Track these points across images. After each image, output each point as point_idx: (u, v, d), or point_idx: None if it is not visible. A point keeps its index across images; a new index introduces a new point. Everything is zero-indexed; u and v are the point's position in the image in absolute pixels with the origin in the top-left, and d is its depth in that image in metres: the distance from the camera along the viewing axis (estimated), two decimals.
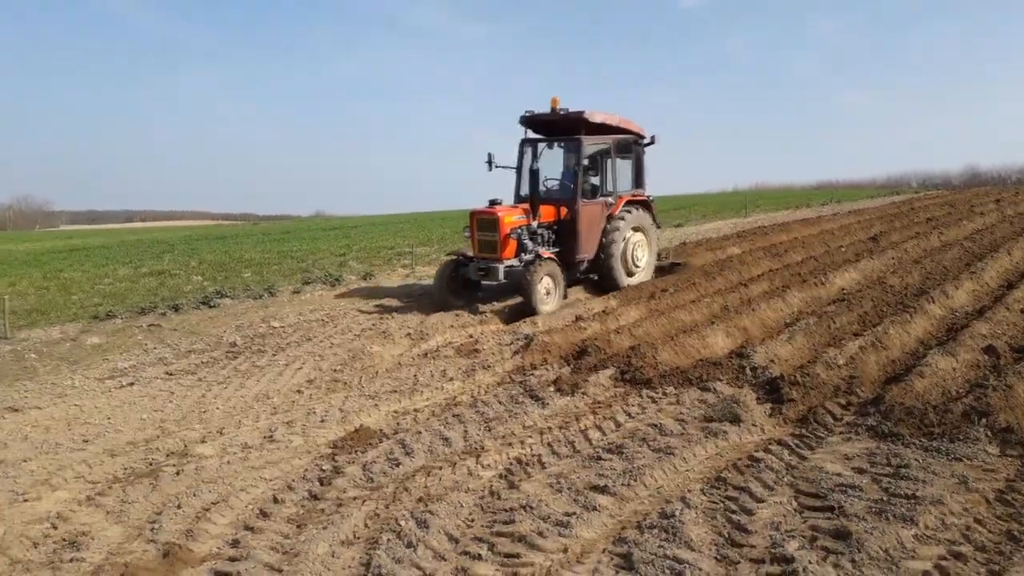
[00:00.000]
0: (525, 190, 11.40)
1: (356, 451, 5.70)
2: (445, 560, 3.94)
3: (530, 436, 5.81)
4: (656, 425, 5.86)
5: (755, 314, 9.06)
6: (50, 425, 6.68)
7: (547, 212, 11.13)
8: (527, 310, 9.87)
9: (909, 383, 6.16)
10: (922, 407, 5.64)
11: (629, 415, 6.19)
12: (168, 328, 10.86)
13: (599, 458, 5.27)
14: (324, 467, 5.42)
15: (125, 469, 5.53)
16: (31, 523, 4.61)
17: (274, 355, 8.87)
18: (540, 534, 4.13)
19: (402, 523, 4.35)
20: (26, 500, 4.98)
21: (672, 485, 4.79)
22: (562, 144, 11.65)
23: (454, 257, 11.26)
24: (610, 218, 11.56)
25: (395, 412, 6.75)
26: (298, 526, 4.48)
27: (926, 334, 8.12)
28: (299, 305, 12.35)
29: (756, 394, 6.35)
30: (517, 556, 3.92)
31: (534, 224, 10.81)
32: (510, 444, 5.67)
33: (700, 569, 3.64)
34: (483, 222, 10.71)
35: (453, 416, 6.37)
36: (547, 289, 10.22)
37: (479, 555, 3.96)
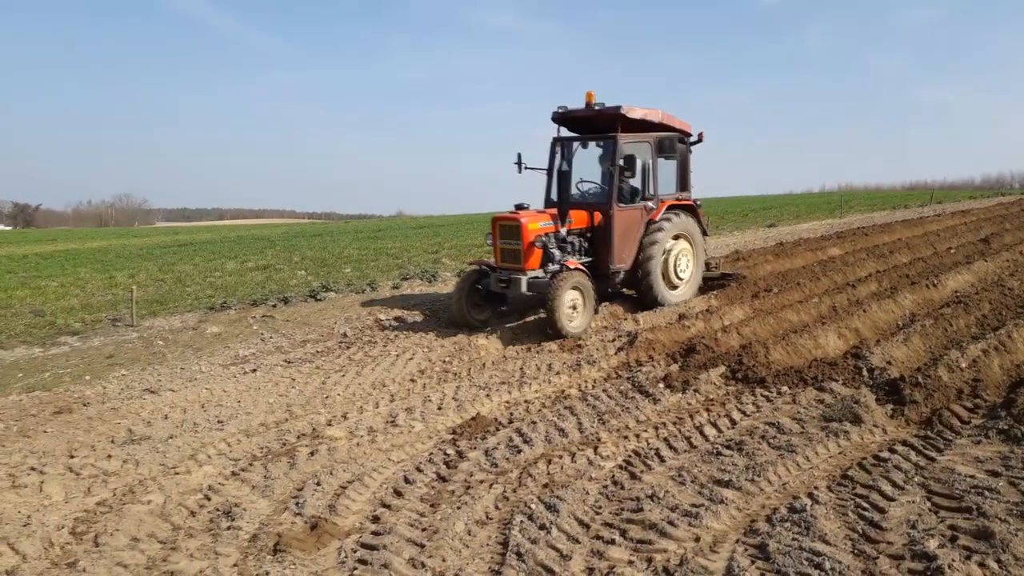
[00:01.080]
0: (555, 194, 10.51)
1: (476, 437, 5.90)
2: (579, 543, 4.06)
3: (645, 430, 5.88)
4: (774, 423, 5.83)
5: (866, 315, 8.85)
6: (186, 407, 7.14)
7: (579, 218, 9.97)
8: (550, 329, 8.92)
9: None
10: None
11: (744, 413, 6.18)
12: (280, 319, 11.39)
13: (719, 453, 5.29)
14: (448, 451, 5.63)
15: (262, 448, 5.89)
16: (186, 493, 4.99)
17: (384, 346, 9.20)
18: (670, 523, 4.20)
19: (532, 507, 4.51)
20: (177, 473, 5.37)
21: (797, 482, 4.78)
22: (598, 143, 10.45)
23: (476, 267, 10.10)
24: (649, 225, 10.27)
25: (507, 402, 6.93)
26: (432, 505, 4.69)
27: None
28: (401, 299, 12.74)
29: (875, 395, 6.24)
30: (649, 542, 4.01)
31: (563, 231, 9.66)
32: (626, 437, 5.76)
33: (839, 562, 3.64)
34: (505, 228, 9.56)
35: (565, 408, 6.50)
36: (573, 304, 9.09)
37: (612, 540, 4.07)
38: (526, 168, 10.50)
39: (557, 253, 9.56)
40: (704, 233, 11.20)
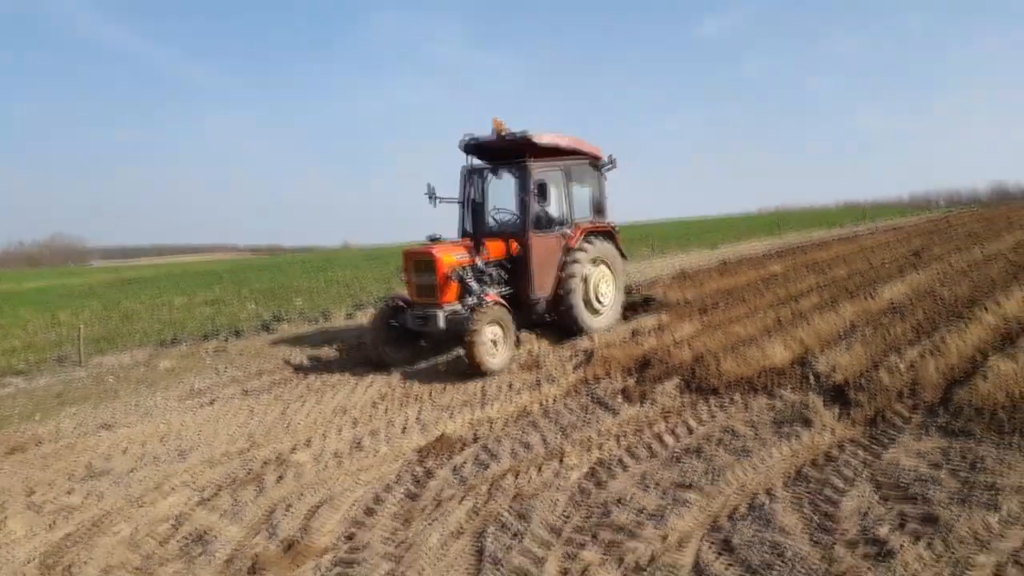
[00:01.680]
0: (469, 224, 10.38)
1: (442, 456, 5.99)
2: (552, 548, 4.20)
3: (607, 441, 6.06)
4: (729, 429, 6.08)
5: (809, 326, 9.24)
6: (144, 440, 7.05)
7: (495, 248, 9.66)
8: (469, 368, 8.50)
9: (974, 386, 6.32)
10: (991, 407, 5.81)
11: (700, 421, 6.41)
12: (234, 352, 11.29)
13: (679, 460, 5.50)
14: (416, 471, 5.71)
15: (227, 476, 5.87)
16: (155, 523, 4.96)
17: (343, 373, 9.22)
18: (638, 524, 4.37)
19: (504, 517, 4.63)
20: (143, 505, 5.33)
21: (755, 482, 5.00)
22: (510, 171, 10.10)
23: (390, 302, 9.67)
24: (567, 251, 10.08)
25: (471, 422, 7.03)
26: (404, 521, 4.76)
27: (982, 341, 8.22)
28: (356, 328, 12.74)
29: (823, 399, 6.55)
30: (619, 544, 4.17)
31: (479, 262, 9.35)
32: (589, 448, 5.93)
33: (799, 550, 3.86)
34: (419, 263, 9.12)
35: (528, 424, 6.66)
36: (494, 339, 8.68)
37: (583, 543, 4.21)
38: (439, 200, 10.21)
39: (475, 285, 9.26)
40: (623, 257, 11.11)
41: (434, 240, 9.55)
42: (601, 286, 10.46)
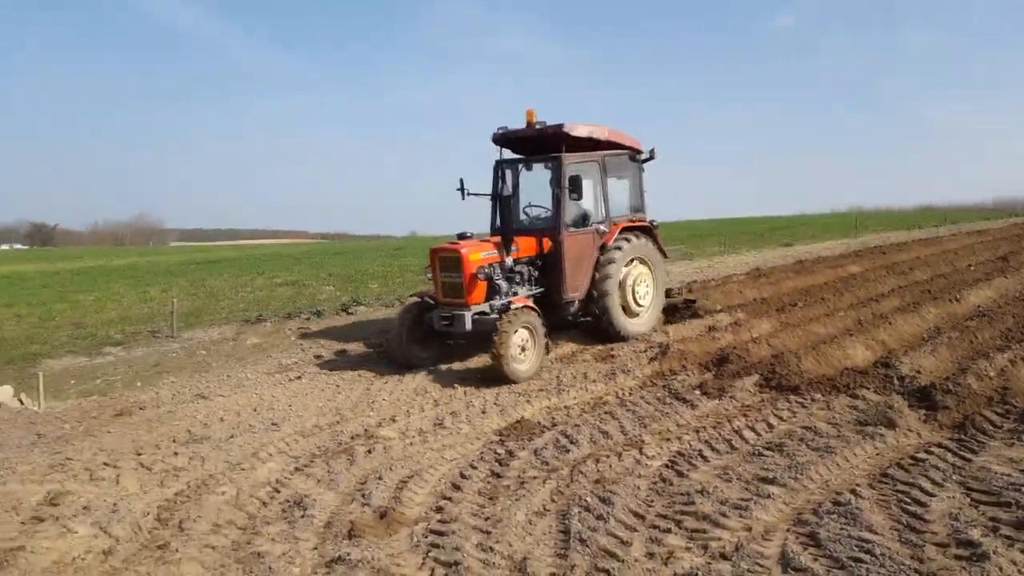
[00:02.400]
0: (500, 220, 9.65)
1: (523, 439, 6.16)
2: (637, 532, 4.31)
3: (686, 433, 6.12)
4: (810, 427, 6.07)
5: (892, 327, 9.08)
6: (239, 410, 7.43)
7: (527, 245, 9.23)
8: (496, 375, 7.98)
9: None
10: None
11: (780, 418, 6.41)
12: (316, 331, 11.71)
13: (760, 454, 5.53)
14: (498, 451, 5.89)
15: (319, 447, 6.17)
16: (256, 487, 5.27)
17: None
18: (722, 514, 4.44)
19: (587, 500, 4.76)
20: (243, 469, 5.65)
21: (839, 480, 5.01)
22: (545, 165, 9.66)
23: (417, 299, 9.30)
24: (603, 249, 9.57)
25: (547, 408, 7.19)
26: (490, 498, 4.95)
27: None
28: None
29: (907, 401, 6.46)
30: (704, 532, 4.26)
31: (509, 260, 8.90)
32: (668, 439, 6.00)
33: (888, 548, 3.88)
34: (445, 260, 8.67)
35: (605, 413, 6.76)
36: (522, 345, 8.19)
37: (668, 529, 4.31)
38: (469, 194, 9.65)
39: (504, 285, 8.83)
40: (663, 255, 10.58)
41: (463, 237, 8.99)
42: (639, 287, 9.91)
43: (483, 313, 8.52)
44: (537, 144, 9.60)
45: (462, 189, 9.56)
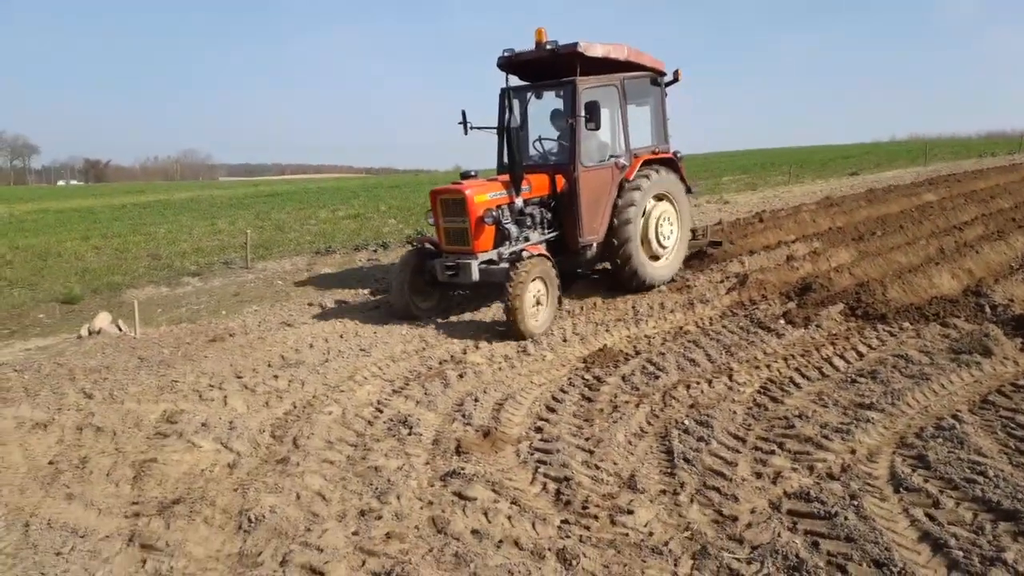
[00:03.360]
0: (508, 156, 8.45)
1: (608, 366, 6.23)
2: (740, 452, 4.38)
3: (775, 361, 6.12)
4: (902, 355, 6.00)
5: (978, 256, 8.84)
6: (326, 337, 7.64)
7: (538, 184, 8.27)
8: (510, 329, 7.19)
9: None
10: None
11: (870, 347, 6.35)
12: (387, 262, 11.89)
13: (853, 381, 5.51)
14: (585, 377, 5.99)
15: (411, 371, 6.35)
16: (359, 406, 5.47)
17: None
18: (824, 437, 4.47)
19: (685, 423, 4.84)
20: (342, 391, 5.86)
21: (938, 405, 4.97)
22: (556, 92, 8.73)
23: (417, 246, 8.45)
24: (623, 185, 8.58)
25: (627, 337, 7.23)
26: (585, 420, 5.05)
27: None
28: None
29: (1003, 329, 6.32)
30: (808, 453, 4.30)
31: (519, 202, 7.98)
32: (756, 367, 6.01)
33: (1001, 470, 3.87)
34: (448, 204, 7.76)
35: (689, 342, 6.78)
36: (537, 298, 7.36)
37: (771, 451, 4.36)
38: (472, 128, 8.63)
39: (514, 229, 7.95)
40: (688, 191, 9.59)
41: (466, 176, 8.05)
42: (664, 226, 8.97)
43: (491, 261, 7.70)
44: (548, 68, 8.57)
45: (464, 123, 8.51)
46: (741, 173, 27.05)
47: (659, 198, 9.02)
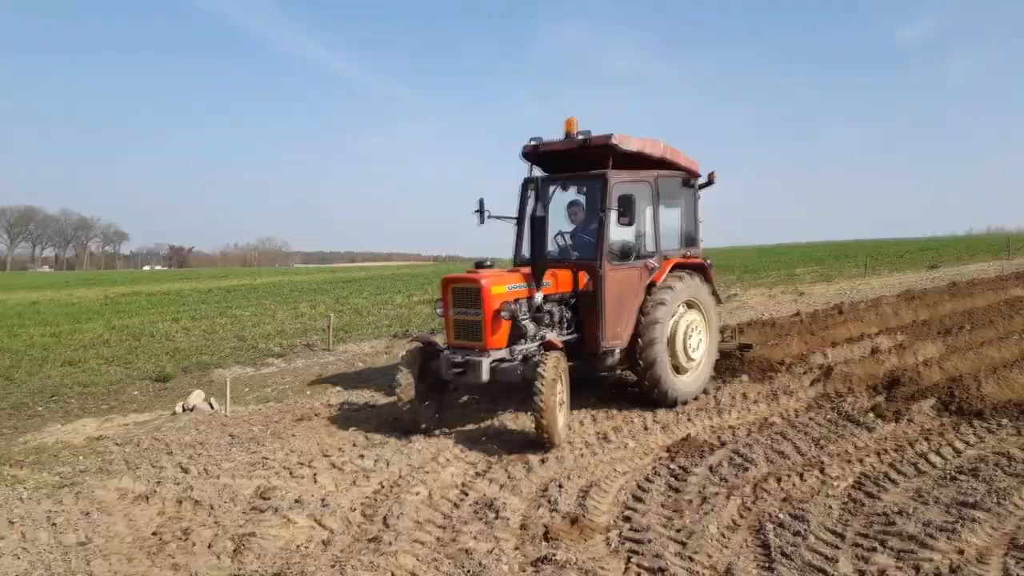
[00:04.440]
0: (528, 248, 7.99)
1: (693, 456, 6.16)
2: (839, 549, 4.24)
3: (867, 456, 5.95)
4: (1003, 453, 5.77)
5: None
6: None
7: (562, 279, 7.59)
8: (537, 436, 6.45)
9: None
10: None
11: (967, 443, 6.13)
12: None
13: (953, 478, 5.31)
14: (670, 466, 5.92)
15: (492, 454, 6.39)
16: (445, 488, 5.53)
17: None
18: (928, 536, 4.31)
19: (778, 516, 4.73)
20: (427, 472, 5.94)
21: None
22: (581, 183, 8.29)
23: (420, 344, 7.44)
24: (651, 289, 7.90)
25: (711, 427, 7.15)
26: (675, 511, 4.98)
27: None
28: None
29: None
30: (912, 552, 4.14)
31: (539, 296, 7.24)
32: (848, 461, 5.85)
33: None
34: (461, 293, 7.08)
35: (776, 433, 6.65)
36: (560, 399, 6.66)
37: (873, 548, 4.22)
38: (491, 217, 8.21)
39: (531, 326, 7.20)
40: (718, 300, 8.85)
41: (481, 266, 7.38)
42: (692, 337, 8.18)
43: (502, 360, 6.95)
44: (575, 160, 8.09)
45: (481, 211, 8.13)
46: (815, 264, 26.71)
47: (689, 305, 8.27)
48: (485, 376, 6.78)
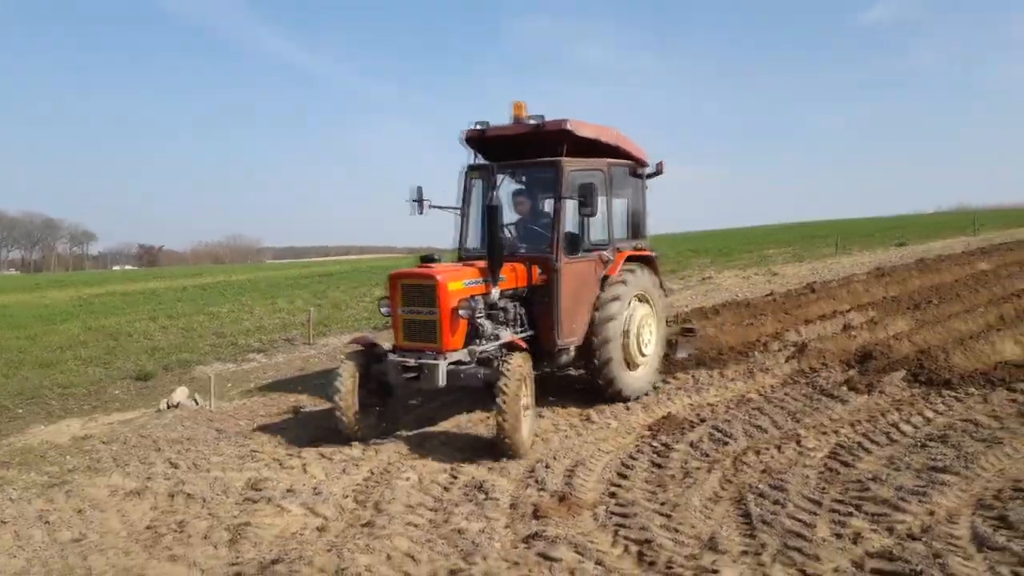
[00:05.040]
0: (473, 241, 7.87)
1: (675, 433, 6.33)
2: (817, 515, 4.43)
3: (841, 427, 6.16)
4: (970, 420, 6.02)
5: None
6: None
7: (518, 274, 7.09)
8: (499, 444, 5.95)
9: None
10: None
11: (936, 412, 6.36)
12: None
13: (923, 445, 5.54)
14: (652, 444, 6.09)
15: (479, 438, 6.51)
16: (434, 472, 5.64)
17: None
18: (901, 499, 4.51)
19: (760, 487, 4.91)
20: (416, 457, 6.05)
21: (1013, 468, 4.97)
22: (532, 172, 7.65)
23: (360, 347, 6.85)
24: (604, 282, 7.50)
25: (690, 405, 7.33)
26: (658, 485, 5.15)
27: None
28: None
29: None
30: (886, 515, 4.34)
31: (495, 293, 6.68)
32: (824, 433, 6.06)
33: None
34: (412, 290, 6.48)
35: (753, 409, 6.86)
36: (526, 403, 6.16)
37: (849, 513, 4.41)
38: (432, 207, 7.68)
39: (488, 325, 6.70)
40: (665, 293, 8.59)
41: (429, 260, 6.93)
42: (644, 332, 7.77)
43: (459, 362, 6.40)
44: (524, 147, 7.51)
45: (419, 200, 7.57)
46: (785, 245, 27.14)
47: (639, 299, 7.83)
48: (442, 381, 6.19)
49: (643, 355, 7.81)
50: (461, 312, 6.31)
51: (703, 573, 3.77)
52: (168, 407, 8.40)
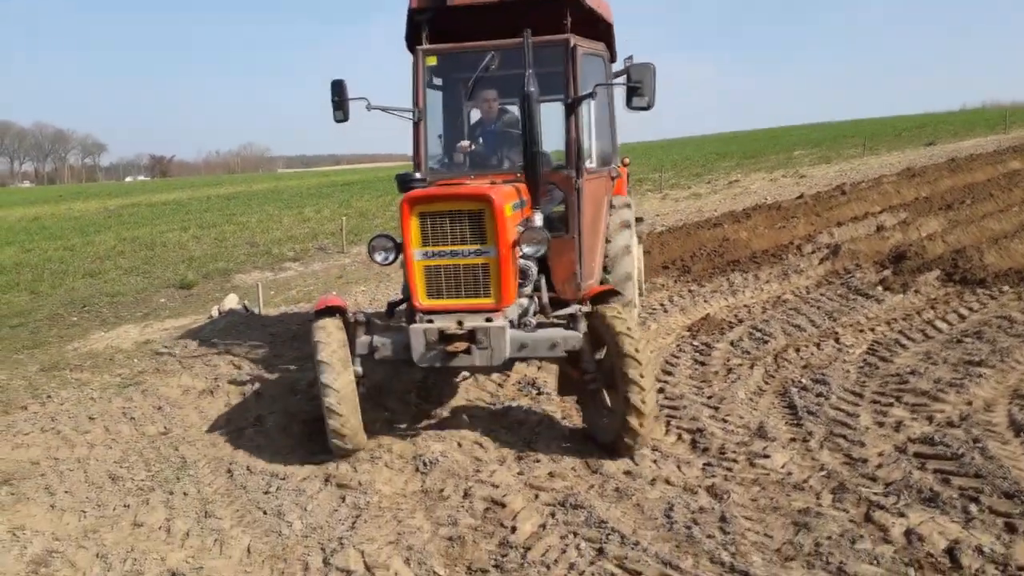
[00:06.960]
0: (437, 155, 5.79)
1: (714, 333, 6.56)
2: (859, 406, 4.67)
3: (878, 325, 6.35)
4: (1005, 317, 6.18)
5: None
6: None
7: (555, 193, 5.32)
8: (620, 446, 4.17)
9: None
10: None
11: (971, 309, 6.52)
12: None
13: (959, 341, 5.72)
14: (693, 343, 6.33)
15: None
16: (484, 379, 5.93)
17: None
18: (939, 391, 4.73)
19: (801, 381, 5.15)
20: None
21: None
22: (517, 56, 4.71)
23: (337, 320, 4.46)
24: (612, 204, 6.01)
25: (727, 307, 7.53)
26: (703, 381, 5.41)
27: None
28: None
29: None
30: (925, 405, 4.57)
31: (537, 219, 4.58)
32: (861, 331, 6.26)
33: None
34: (448, 219, 4.27)
35: (790, 309, 7.05)
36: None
37: (890, 403, 4.65)
38: (370, 108, 5.15)
39: (533, 267, 4.67)
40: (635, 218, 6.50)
41: (411, 181, 4.80)
42: (640, 263, 6.82)
43: (519, 322, 4.47)
44: (491, 24, 5.28)
45: (341, 100, 5.26)
46: (813, 147, 26.72)
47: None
48: (508, 351, 4.26)
49: (641, 293, 6.99)
50: (527, 249, 4.31)
51: (755, 458, 4.05)
52: (219, 313, 8.72)
